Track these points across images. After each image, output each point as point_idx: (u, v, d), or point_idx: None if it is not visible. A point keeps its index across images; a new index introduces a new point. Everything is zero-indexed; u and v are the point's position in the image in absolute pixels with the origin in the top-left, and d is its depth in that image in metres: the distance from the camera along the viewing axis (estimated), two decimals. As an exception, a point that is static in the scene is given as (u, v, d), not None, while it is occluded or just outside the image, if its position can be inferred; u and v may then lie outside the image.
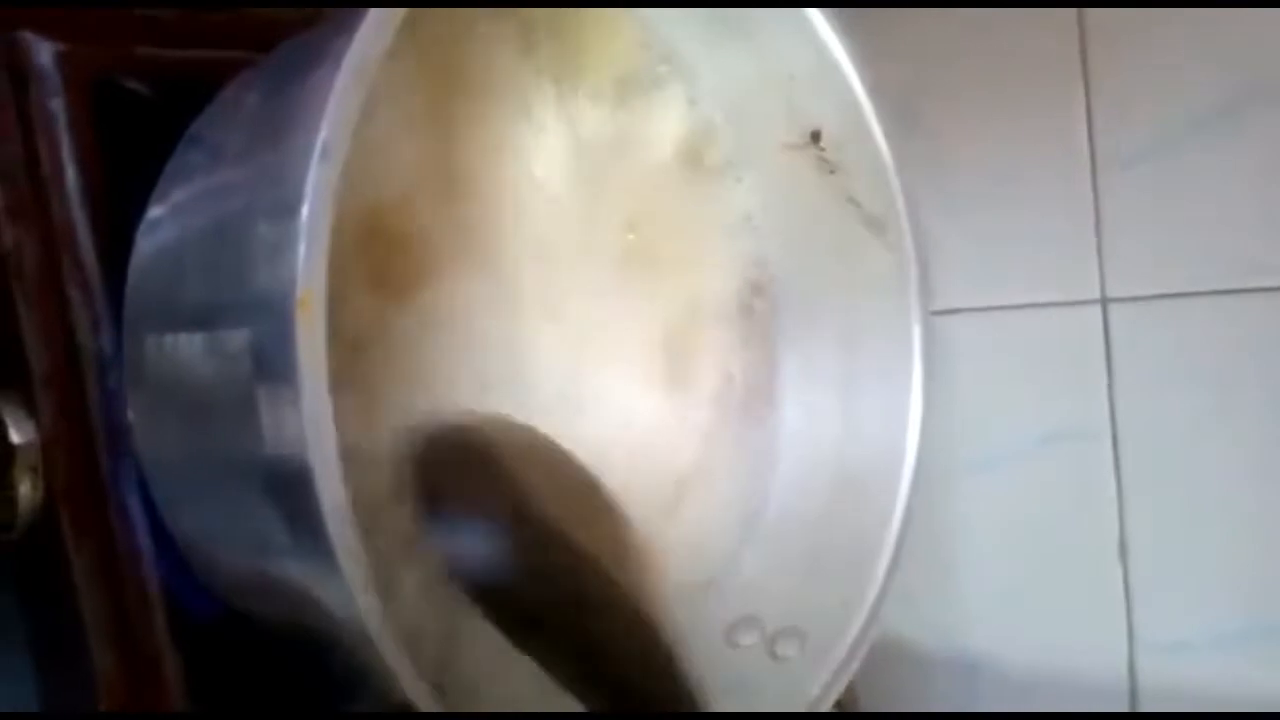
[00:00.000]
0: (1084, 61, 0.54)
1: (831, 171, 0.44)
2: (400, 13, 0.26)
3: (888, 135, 0.43)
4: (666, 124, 0.44)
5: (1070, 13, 0.54)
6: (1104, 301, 0.55)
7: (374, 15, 0.26)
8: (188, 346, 0.32)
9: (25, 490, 0.37)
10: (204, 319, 0.31)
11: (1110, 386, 0.55)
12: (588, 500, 0.36)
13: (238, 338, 0.30)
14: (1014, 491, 0.58)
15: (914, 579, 0.43)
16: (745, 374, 0.47)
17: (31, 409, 0.36)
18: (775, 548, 0.44)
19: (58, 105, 0.35)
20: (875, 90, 0.43)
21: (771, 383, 0.46)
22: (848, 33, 0.43)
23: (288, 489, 0.28)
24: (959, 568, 0.60)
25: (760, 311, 0.46)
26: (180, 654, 0.38)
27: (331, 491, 0.27)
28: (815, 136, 0.44)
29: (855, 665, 0.39)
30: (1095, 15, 0.54)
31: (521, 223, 0.40)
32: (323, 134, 0.25)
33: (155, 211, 0.35)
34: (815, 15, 0.42)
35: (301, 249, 0.25)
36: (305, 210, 0.25)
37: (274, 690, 0.40)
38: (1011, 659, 0.59)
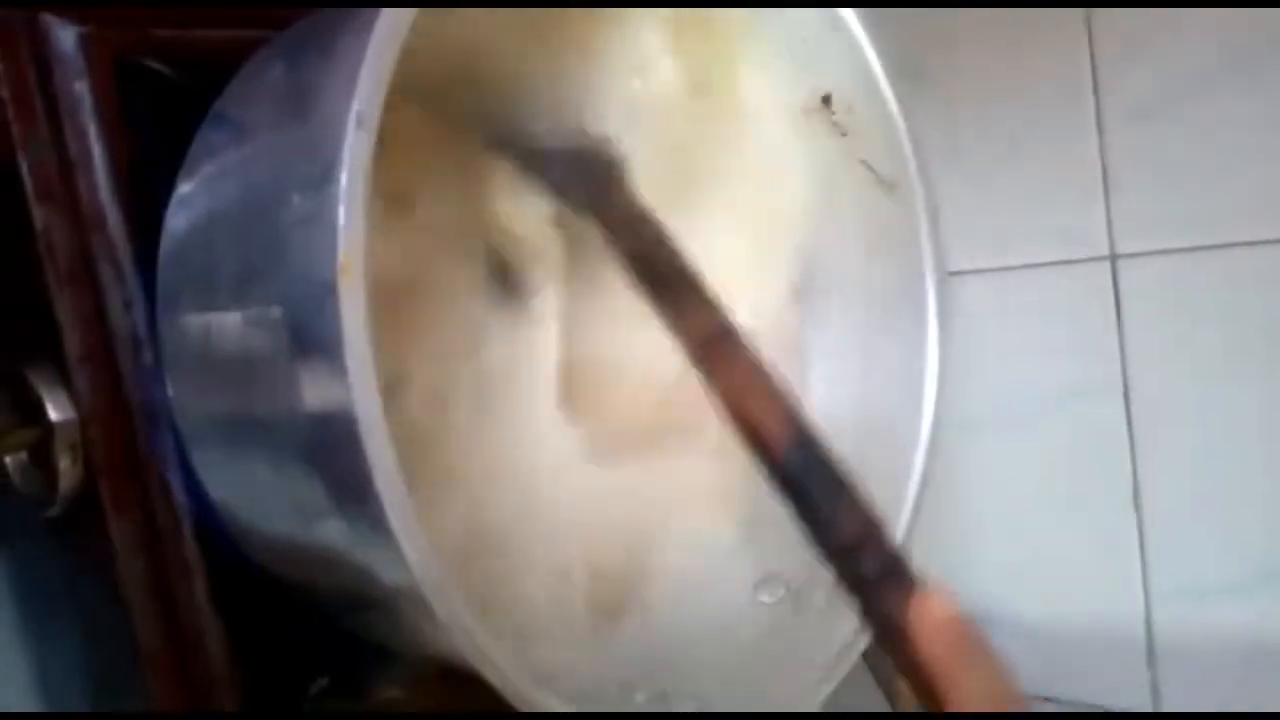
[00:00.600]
0: (1088, 14, 0.54)
1: (843, 134, 0.45)
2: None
3: (898, 97, 0.43)
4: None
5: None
6: (1113, 258, 0.55)
7: (402, -15, 0.26)
8: (224, 319, 0.33)
9: (65, 467, 0.37)
10: (240, 290, 0.32)
11: (1121, 341, 0.56)
12: None
13: (275, 307, 0.30)
14: (1028, 447, 0.59)
15: (930, 533, 0.44)
16: (770, 335, 0.47)
17: (68, 387, 0.37)
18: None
19: (82, 87, 0.36)
20: (884, 52, 0.44)
21: (793, 344, 0.47)
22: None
23: (333, 455, 0.29)
24: (975, 522, 0.61)
25: (780, 273, 0.47)
26: (222, 621, 0.39)
27: (381, 455, 0.27)
28: (826, 100, 0.45)
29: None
30: (1099, -32, 0.54)
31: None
32: (356, 103, 0.25)
33: (184, 188, 0.35)
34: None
35: (341, 217, 0.25)
36: (344, 178, 0.25)
37: (313, 654, 0.41)
38: (1028, 609, 0.60)
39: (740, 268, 0.46)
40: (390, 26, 0.26)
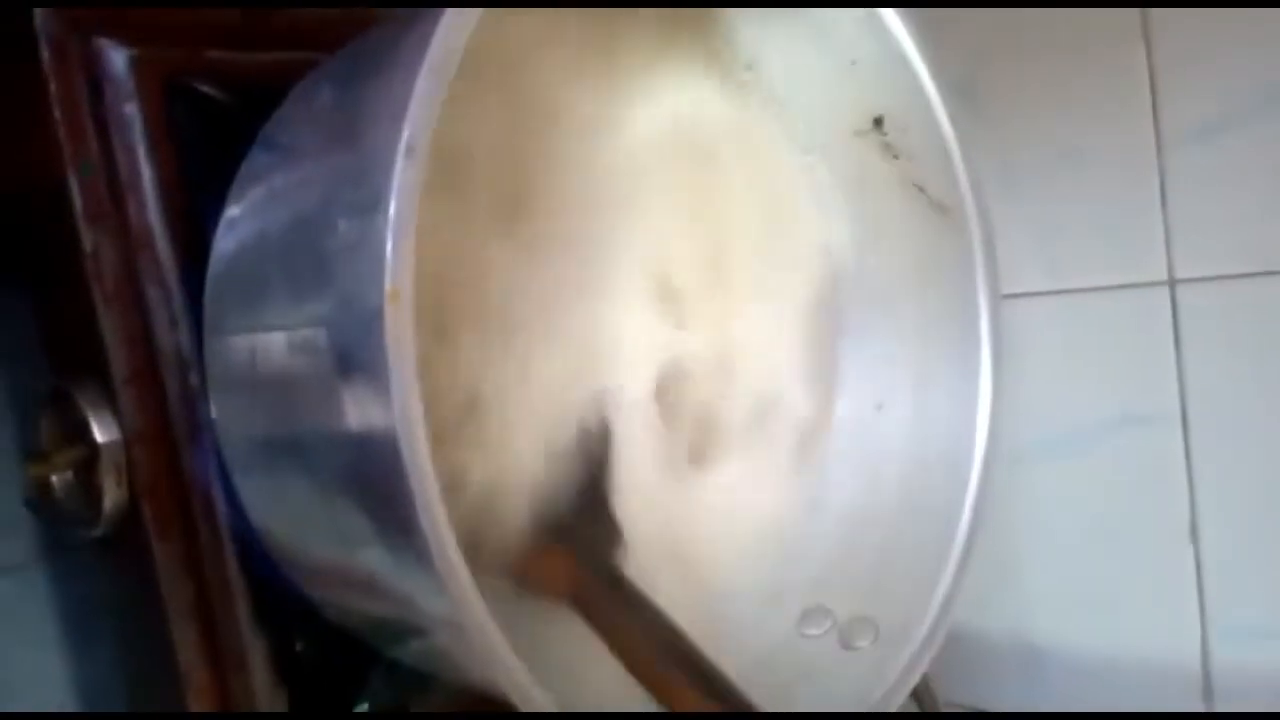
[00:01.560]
0: (1147, 32, 0.53)
1: (896, 157, 0.44)
2: (478, 11, 0.26)
3: (952, 119, 0.42)
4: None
5: (1133, -17, 0.53)
6: (1171, 283, 0.54)
7: (452, 12, 0.26)
8: (269, 342, 0.33)
9: (110, 487, 0.37)
10: (286, 314, 0.31)
11: (1180, 368, 0.54)
12: None
13: (322, 333, 0.30)
14: (1083, 475, 0.57)
15: (981, 564, 0.43)
16: (805, 357, 0.47)
17: (114, 408, 0.37)
18: (845, 538, 0.43)
19: (132, 109, 0.36)
20: (939, 74, 0.43)
21: (831, 368, 0.46)
22: (910, 14, 0.42)
23: (375, 483, 0.28)
24: (1026, 552, 0.59)
25: (829, 299, 0.46)
26: (263, 644, 0.38)
27: (424, 485, 0.27)
28: (878, 122, 0.44)
29: (929, 657, 0.39)
30: (1158, -15, 0.53)
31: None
32: (406, 132, 0.25)
33: (233, 210, 0.35)
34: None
35: (389, 246, 0.25)
36: (393, 208, 0.25)
37: (354, 677, 0.40)
38: (1080, 645, 0.58)
39: (774, 289, 0.46)
40: (443, 53, 0.26)
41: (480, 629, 0.29)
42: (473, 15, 0.27)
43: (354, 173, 0.28)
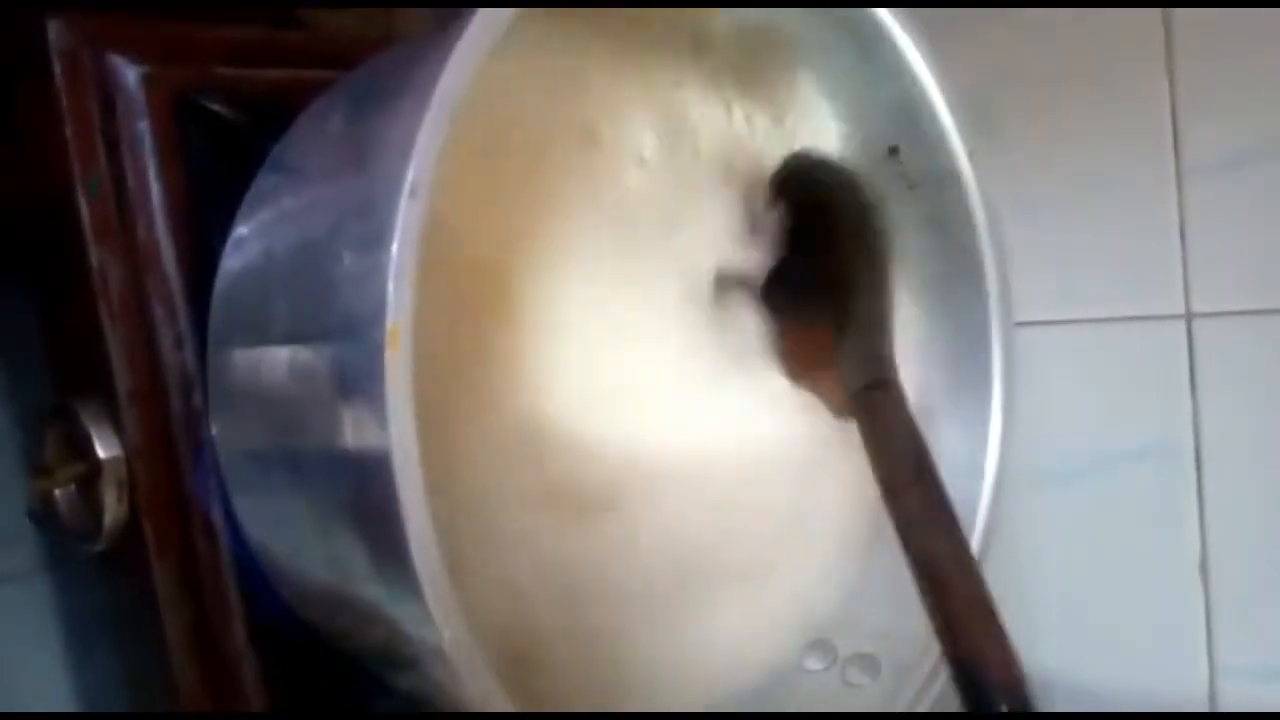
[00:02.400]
0: (1169, 62, 0.52)
1: (910, 187, 0.43)
2: (485, 48, 0.26)
3: (969, 152, 0.42)
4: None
5: (1155, 11, 0.52)
6: (1188, 316, 0.53)
7: (461, 50, 0.26)
8: (272, 367, 0.33)
9: (111, 503, 0.37)
10: (288, 339, 0.31)
11: (1194, 403, 0.53)
12: None
13: (323, 364, 0.30)
14: (1091, 507, 0.57)
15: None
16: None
17: (117, 425, 0.37)
18: (850, 572, 0.43)
19: (143, 127, 0.36)
20: (953, 102, 0.42)
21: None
22: (924, 38, 0.42)
23: (370, 511, 0.28)
24: (1033, 583, 0.59)
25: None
26: (260, 664, 0.38)
27: (415, 514, 0.27)
28: (893, 151, 0.43)
29: (933, 693, 0.39)
30: (1182, 14, 0.52)
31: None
32: (411, 173, 0.25)
33: (241, 230, 0.35)
34: (894, 28, 0.41)
35: (390, 287, 0.25)
36: (394, 248, 0.25)
37: (350, 699, 0.40)
38: (1085, 679, 0.57)
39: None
40: (449, 92, 0.25)
41: (469, 662, 0.29)
42: (481, 50, 0.26)
43: (360, 206, 0.28)
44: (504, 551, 0.36)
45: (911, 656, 0.39)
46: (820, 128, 0.44)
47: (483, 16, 0.28)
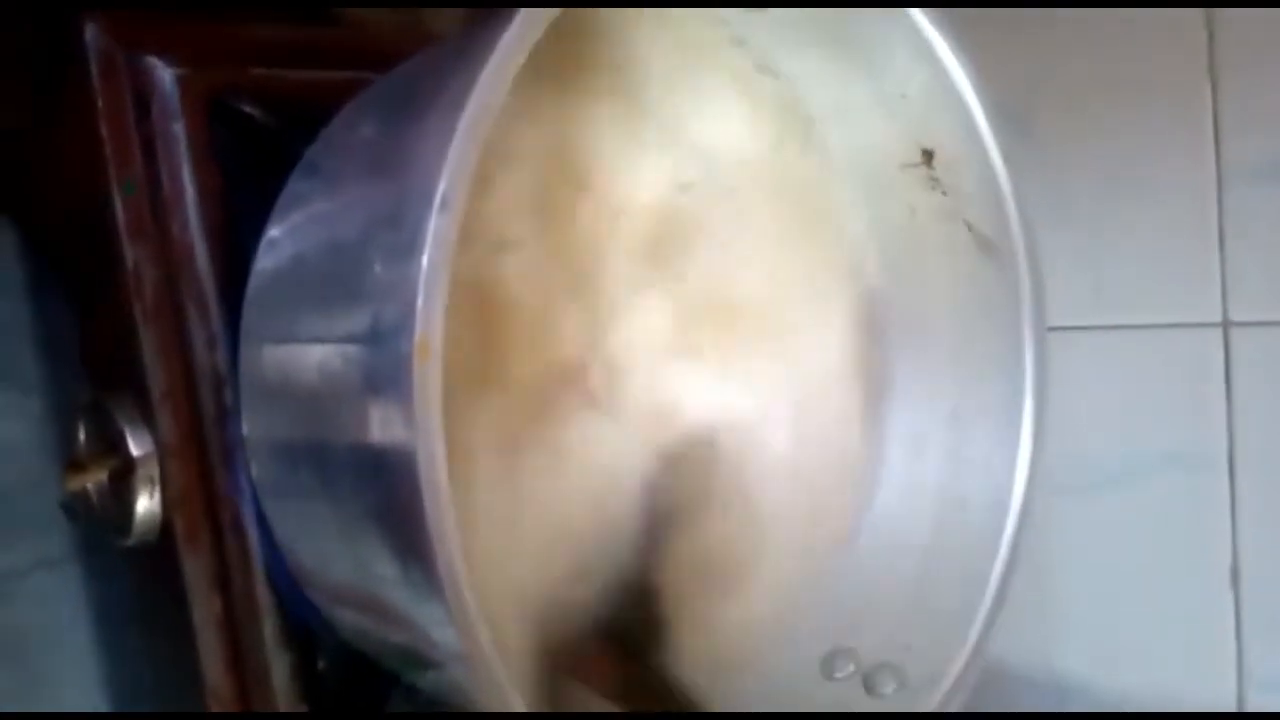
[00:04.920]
0: (1212, 65, 0.51)
1: (944, 193, 0.43)
2: (520, 59, 0.26)
3: (1005, 156, 0.41)
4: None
5: (1197, 13, 0.51)
6: (1225, 325, 0.52)
7: (495, 61, 0.26)
8: (301, 371, 0.33)
9: (142, 499, 0.38)
10: (318, 341, 0.31)
11: (1229, 412, 0.52)
12: None
13: (353, 370, 0.30)
14: (1124, 515, 0.56)
15: (1012, 601, 0.42)
16: (839, 391, 0.46)
17: (149, 422, 0.37)
18: (873, 579, 0.43)
19: (178, 128, 0.36)
20: (991, 107, 0.42)
21: (875, 408, 0.45)
22: (962, 45, 0.41)
23: (395, 511, 0.28)
24: (1062, 590, 0.58)
25: (867, 333, 0.45)
26: (289, 662, 0.39)
27: (440, 516, 0.27)
28: (928, 156, 0.43)
29: (957, 703, 0.39)
30: (1225, 16, 0.51)
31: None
32: (443, 185, 0.25)
33: (274, 232, 0.35)
34: (930, 30, 0.40)
35: (420, 298, 0.25)
36: (425, 260, 0.25)
37: (378, 698, 0.40)
38: (1112, 687, 0.57)
39: (811, 326, 0.45)
40: (482, 104, 0.25)
41: (487, 664, 0.29)
42: (516, 63, 0.26)
43: (391, 215, 0.28)
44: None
45: (936, 662, 0.39)
46: (852, 131, 0.43)
47: (522, 18, 0.28)
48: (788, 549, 0.43)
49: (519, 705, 0.30)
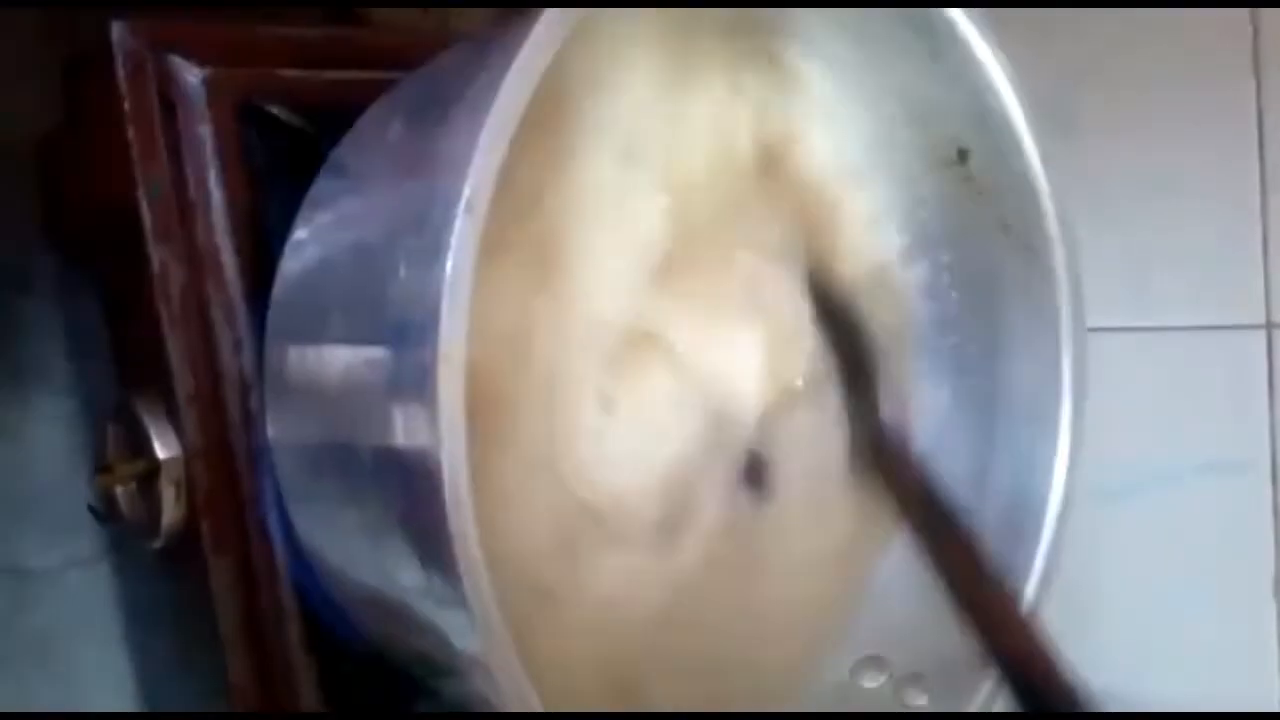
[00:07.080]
0: (1257, 65, 0.50)
1: (980, 192, 0.42)
2: (546, 60, 0.26)
3: (1043, 156, 0.40)
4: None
5: (1242, 12, 0.50)
6: (1269, 326, 0.51)
7: (520, 61, 0.25)
8: (326, 374, 0.33)
9: (169, 502, 0.38)
10: (343, 345, 0.31)
11: (1272, 416, 0.51)
12: None
13: (377, 374, 0.30)
14: (1161, 521, 0.55)
15: (1048, 609, 0.41)
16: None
17: (176, 425, 0.37)
18: (906, 586, 0.42)
19: (205, 130, 0.36)
20: (1028, 107, 0.41)
21: (906, 411, 0.44)
22: (1001, 44, 0.40)
23: (418, 517, 0.28)
24: (1100, 598, 0.57)
25: (899, 337, 0.44)
26: (314, 665, 0.39)
27: (463, 523, 0.27)
28: (963, 155, 0.42)
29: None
30: (1271, 14, 0.50)
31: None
32: (467, 190, 0.24)
33: (300, 234, 0.35)
34: (968, 29, 0.39)
35: (445, 304, 0.25)
36: (449, 265, 0.24)
37: (402, 702, 0.40)
38: (1150, 700, 0.56)
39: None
40: (508, 109, 0.25)
41: (508, 672, 0.28)
42: (541, 64, 0.26)
43: (416, 218, 0.27)
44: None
45: (970, 672, 0.38)
46: (888, 130, 0.42)
47: (548, 17, 0.27)
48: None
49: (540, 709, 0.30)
